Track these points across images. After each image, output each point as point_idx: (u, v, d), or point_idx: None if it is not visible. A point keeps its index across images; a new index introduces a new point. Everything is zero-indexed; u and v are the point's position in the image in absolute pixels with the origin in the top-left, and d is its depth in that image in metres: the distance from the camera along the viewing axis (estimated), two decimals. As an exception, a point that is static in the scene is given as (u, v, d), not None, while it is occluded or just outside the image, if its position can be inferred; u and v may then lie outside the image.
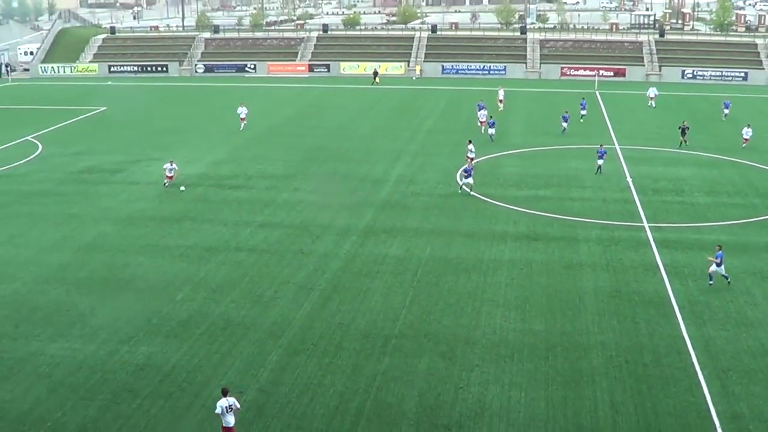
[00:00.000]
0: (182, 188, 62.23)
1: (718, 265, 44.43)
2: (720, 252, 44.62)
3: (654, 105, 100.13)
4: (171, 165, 63.75)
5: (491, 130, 79.33)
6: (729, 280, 44.98)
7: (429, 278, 45.85)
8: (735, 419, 32.49)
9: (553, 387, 34.57)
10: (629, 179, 65.73)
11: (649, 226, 54.80)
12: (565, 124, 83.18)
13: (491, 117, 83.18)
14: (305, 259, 48.70)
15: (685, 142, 76.67)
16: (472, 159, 66.55)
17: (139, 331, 39.53)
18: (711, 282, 44.97)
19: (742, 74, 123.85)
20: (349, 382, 34.49)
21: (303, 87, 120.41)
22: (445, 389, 34.25)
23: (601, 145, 68.87)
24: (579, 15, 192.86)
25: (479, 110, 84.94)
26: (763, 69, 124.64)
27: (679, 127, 76.53)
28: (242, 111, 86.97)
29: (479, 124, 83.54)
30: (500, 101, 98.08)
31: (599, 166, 67.27)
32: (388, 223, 55.02)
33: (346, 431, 31.26)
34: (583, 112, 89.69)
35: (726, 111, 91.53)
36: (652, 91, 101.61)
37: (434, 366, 36.10)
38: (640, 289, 44.86)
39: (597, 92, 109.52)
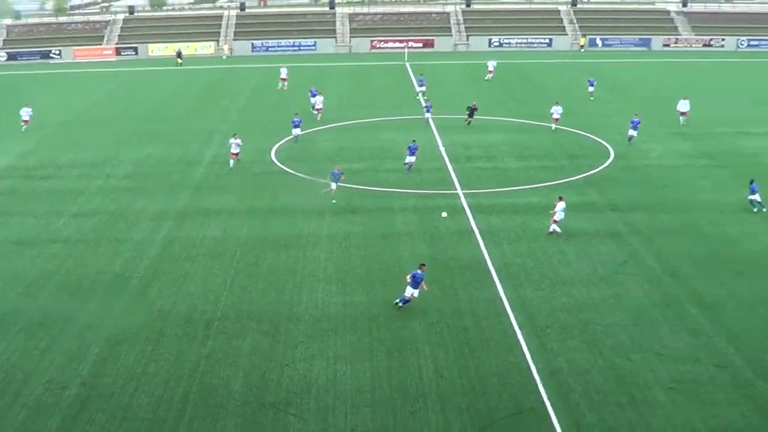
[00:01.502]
0: None
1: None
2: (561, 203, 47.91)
3: (491, 78, 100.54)
4: None
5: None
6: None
7: (248, 258, 45.71)
8: (554, 374, 33.67)
9: (378, 357, 35.05)
10: (442, 148, 66.91)
11: (462, 193, 55.98)
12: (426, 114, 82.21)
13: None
14: (122, 247, 47.76)
15: (469, 123, 75.48)
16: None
17: (-51, 331, 38.12)
18: (552, 231, 48.07)
19: (547, 40, 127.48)
20: (173, 369, 34.12)
21: (111, 71, 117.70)
22: (270, 368, 34.28)
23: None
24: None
25: (312, 97, 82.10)
26: (567, 35, 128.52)
27: (468, 107, 75.85)
28: (26, 112, 78.32)
29: (315, 111, 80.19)
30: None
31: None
32: (205, 205, 54.51)
33: (172, 418, 30.96)
34: (422, 89, 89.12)
35: (591, 89, 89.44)
36: (492, 64, 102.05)
37: (258, 345, 36.08)
38: (457, 255, 45.83)
39: (407, 64, 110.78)
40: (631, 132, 68.41)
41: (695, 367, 34.23)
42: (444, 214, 50.90)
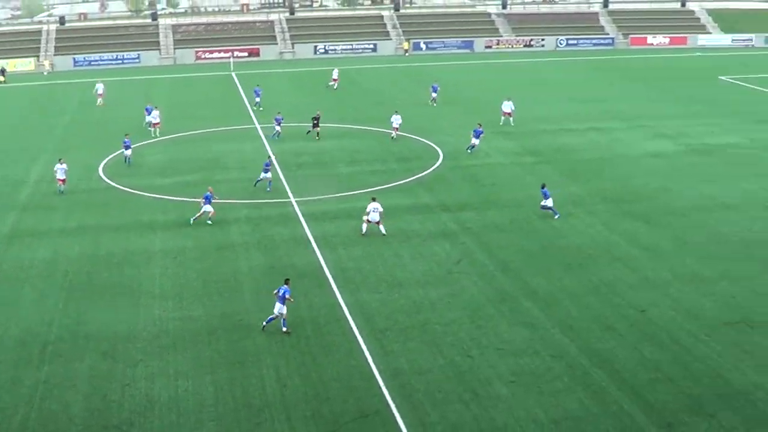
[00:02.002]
0: None
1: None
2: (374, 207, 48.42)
3: (336, 87, 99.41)
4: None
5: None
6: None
7: (81, 277, 44.59)
8: (396, 376, 34.00)
9: (219, 370, 34.73)
10: (272, 157, 66.71)
11: (295, 201, 56.00)
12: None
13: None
14: (-55, 273, 46.03)
15: (317, 133, 73.44)
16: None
17: None
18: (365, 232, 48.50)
19: (372, 45, 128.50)
20: (9, 396, 32.89)
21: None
22: (111, 389, 33.52)
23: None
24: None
25: (148, 114, 78.63)
26: (391, 39, 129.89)
27: (313, 118, 74.14)
28: None
29: (150, 128, 76.70)
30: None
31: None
32: (32, 226, 52.84)
33: (8, 448, 30.09)
34: (257, 99, 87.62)
35: (434, 95, 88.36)
36: (336, 72, 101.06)
37: (97, 366, 35.25)
38: (294, 263, 45.83)
39: (233, 73, 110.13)
40: (474, 141, 67.80)
41: (533, 360, 35.12)
42: None
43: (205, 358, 35.73)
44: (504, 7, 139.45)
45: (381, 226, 48.96)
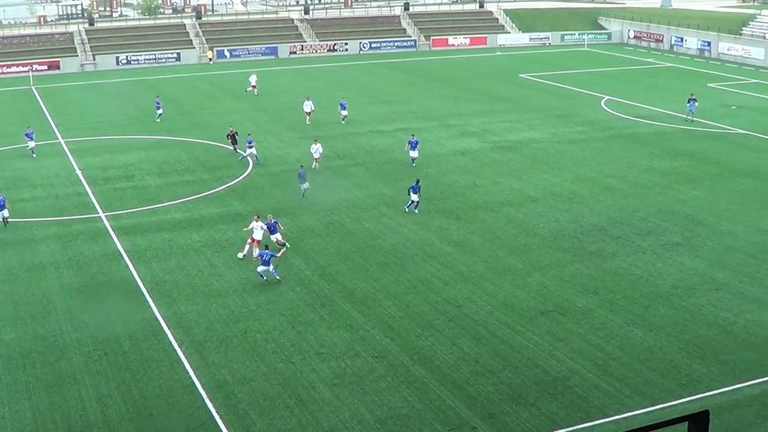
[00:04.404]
0: None
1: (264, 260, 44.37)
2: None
3: (257, 92, 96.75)
4: None
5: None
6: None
7: None
8: (219, 387, 33.78)
9: (37, 394, 33.71)
10: (79, 171, 65.09)
11: (105, 216, 54.80)
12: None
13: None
14: None
15: (236, 150, 69.49)
16: None
17: None
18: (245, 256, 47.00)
19: (175, 55, 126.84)
20: None
21: None
22: None
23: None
24: (4, 10, 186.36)
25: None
26: (194, 48, 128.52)
27: (228, 135, 69.98)
28: None
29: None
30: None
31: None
32: None
33: None
34: (159, 111, 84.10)
35: (344, 113, 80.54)
36: (253, 79, 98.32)
37: None
38: (107, 280, 44.91)
39: (33, 87, 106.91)
40: (413, 153, 64.43)
41: (355, 361, 35.42)
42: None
43: (21, 383, 34.58)
44: (306, 12, 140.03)
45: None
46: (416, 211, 53.18)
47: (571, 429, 30.66)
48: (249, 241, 46.86)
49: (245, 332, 38.30)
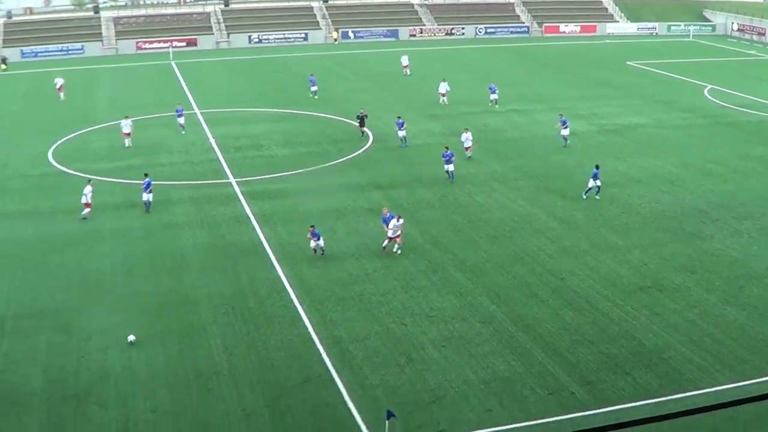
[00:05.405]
0: None
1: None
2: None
3: (409, 73, 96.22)
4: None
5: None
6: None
7: (36, 257, 43.97)
8: (336, 343, 34.21)
9: (169, 342, 34.63)
10: (212, 140, 66.30)
11: (235, 181, 55.76)
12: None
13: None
14: None
15: (363, 132, 67.44)
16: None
17: None
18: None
19: (303, 35, 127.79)
20: (-30, 372, 32.60)
21: None
22: (68, 361, 33.29)
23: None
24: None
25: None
26: (321, 29, 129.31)
27: (358, 116, 68.74)
28: None
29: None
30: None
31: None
32: (-15, 209, 52.09)
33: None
34: (314, 88, 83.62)
35: (494, 96, 78.46)
36: (405, 60, 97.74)
37: (54, 341, 34.95)
38: (236, 240, 45.72)
39: (172, 62, 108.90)
40: (564, 132, 63.69)
41: (462, 325, 35.51)
42: None
43: (155, 331, 35.57)
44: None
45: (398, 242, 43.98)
46: (597, 197, 51.21)
47: (664, 399, 30.29)
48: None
49: (361, 294, 38.68)
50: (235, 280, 40.55)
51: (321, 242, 42.94)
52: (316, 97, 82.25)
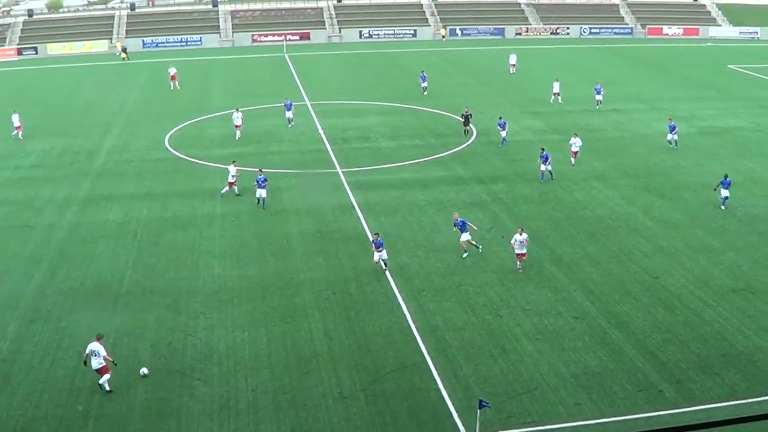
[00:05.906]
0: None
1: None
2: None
3: (515, 71, 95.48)
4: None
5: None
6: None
7: (149, 238, 44.94)
8: (432, 332, 34.05)
9: (272, 323, 34.93)
10: (321, 131, 66.74)
11: (342, 171, 55.98)
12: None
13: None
14: (31, 233, 46.34)
15: (467, 131, 65.64)
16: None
17: None
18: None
19: (412, 31, 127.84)
20: (86, 342, 33.15)
21: (14, 70, 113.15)
22: (175, 338, 33.88)
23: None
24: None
25: (287, 110, 69.60)
26: (429, 26, 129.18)
27: (462, 115, 66.28)
28: None
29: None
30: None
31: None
32: (106, 191, 53.28)
33: (88, 388, 30.34)
34: (424, 84, 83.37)
35: (598, 97, 75.98)
36: (513, 57, 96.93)
37: (162, 317, 35.60)
38: (340, 228, 45.89)
39: (286, 55, 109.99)
40: (672, 136, 61.80)
41: (557, 320, 35.03)
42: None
43: (259, 312, 35.93)
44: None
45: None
46: (723, 207, 48.63)
47: (751, 401, 29.41)
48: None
49: (459, 285, 38.45)
50: (338, 266, 40.71)
51: (384, 254, 39.89)
52: (425, 93, 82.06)
